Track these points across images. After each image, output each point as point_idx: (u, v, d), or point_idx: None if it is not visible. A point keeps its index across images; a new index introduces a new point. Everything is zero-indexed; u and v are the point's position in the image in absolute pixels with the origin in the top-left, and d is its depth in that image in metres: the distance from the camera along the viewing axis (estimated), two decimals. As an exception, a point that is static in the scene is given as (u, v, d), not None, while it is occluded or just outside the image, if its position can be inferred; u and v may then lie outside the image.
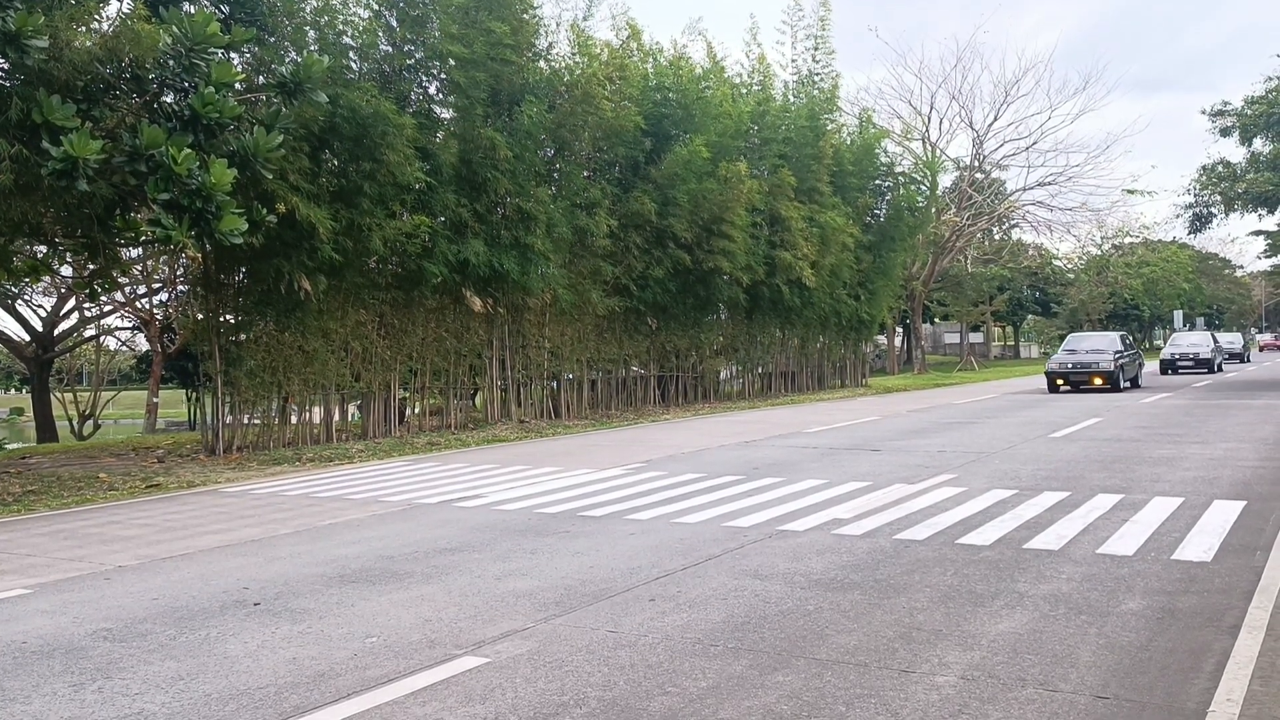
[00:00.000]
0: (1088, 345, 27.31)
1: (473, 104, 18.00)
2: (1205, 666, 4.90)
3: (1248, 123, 28.08)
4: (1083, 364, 26.01)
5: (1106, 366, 25.47)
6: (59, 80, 10.93)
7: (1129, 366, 27.03)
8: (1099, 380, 25.67)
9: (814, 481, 11.03)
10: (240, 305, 16.56)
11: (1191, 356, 35.86)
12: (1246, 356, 45.85)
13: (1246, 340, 48.45)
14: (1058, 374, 26.17)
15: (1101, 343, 27.51)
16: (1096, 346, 26.97)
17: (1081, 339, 28.69)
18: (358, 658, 5.29)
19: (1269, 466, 11.62)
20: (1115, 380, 25.40)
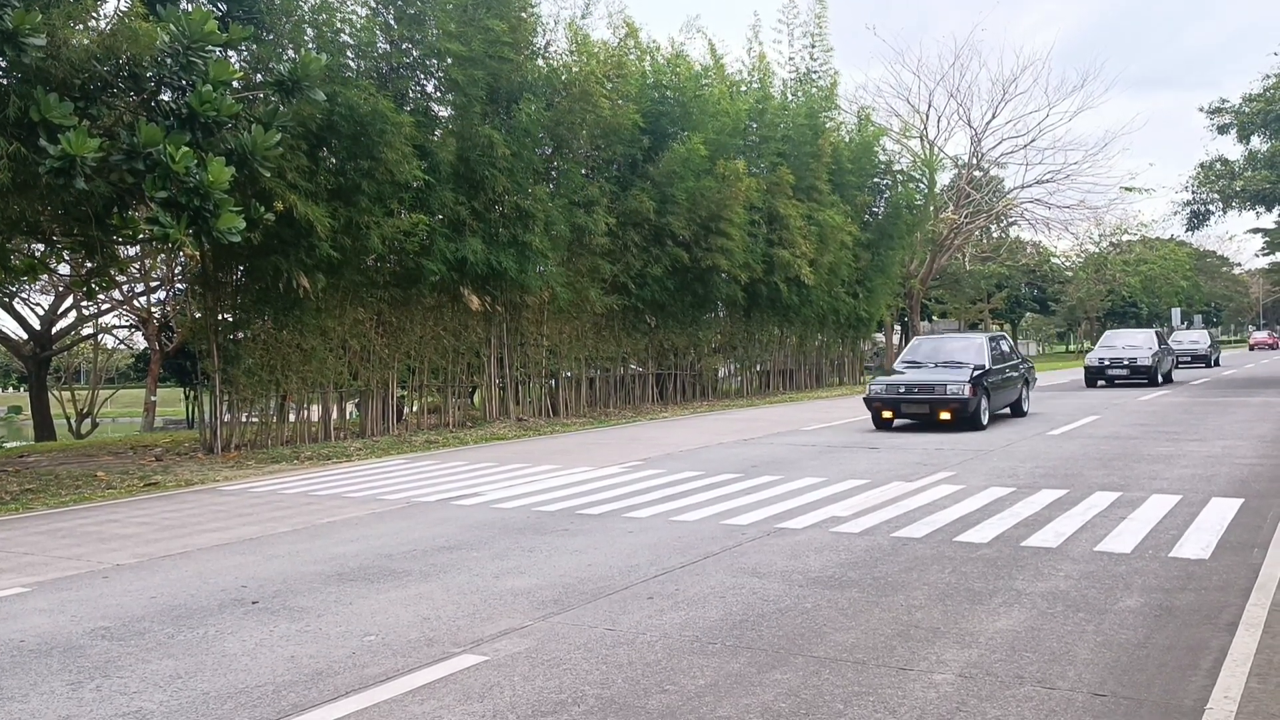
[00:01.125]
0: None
1: (471, 102, 17.98)
2: (1203, 664, 4.90)
3: (1245, 120, 28.08)
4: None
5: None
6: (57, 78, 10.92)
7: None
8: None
9: (812, 479, 11.04)
10: (238, 303, 16.55)
11: (1125, 362, 27.04)
12: (1214, 359, 40.37)
13: (1214, 339, 42.91)
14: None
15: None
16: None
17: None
18: (356, 656, 5.29)
19: (1267, 464, 11.63)
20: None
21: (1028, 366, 19.68)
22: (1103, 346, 29.08)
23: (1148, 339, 28.72)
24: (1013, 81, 70.76)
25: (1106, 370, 27.24)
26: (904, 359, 18.44)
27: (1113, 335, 30.33)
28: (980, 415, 16.43)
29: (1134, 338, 29.33)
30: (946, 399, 16.11)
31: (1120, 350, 27.80)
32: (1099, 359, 27.74)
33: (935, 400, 16.24)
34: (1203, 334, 38.95)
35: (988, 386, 16.72)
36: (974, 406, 16.18)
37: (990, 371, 17.05)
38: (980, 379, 16.51)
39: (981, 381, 16.54)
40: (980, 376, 16.59)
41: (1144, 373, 26.49)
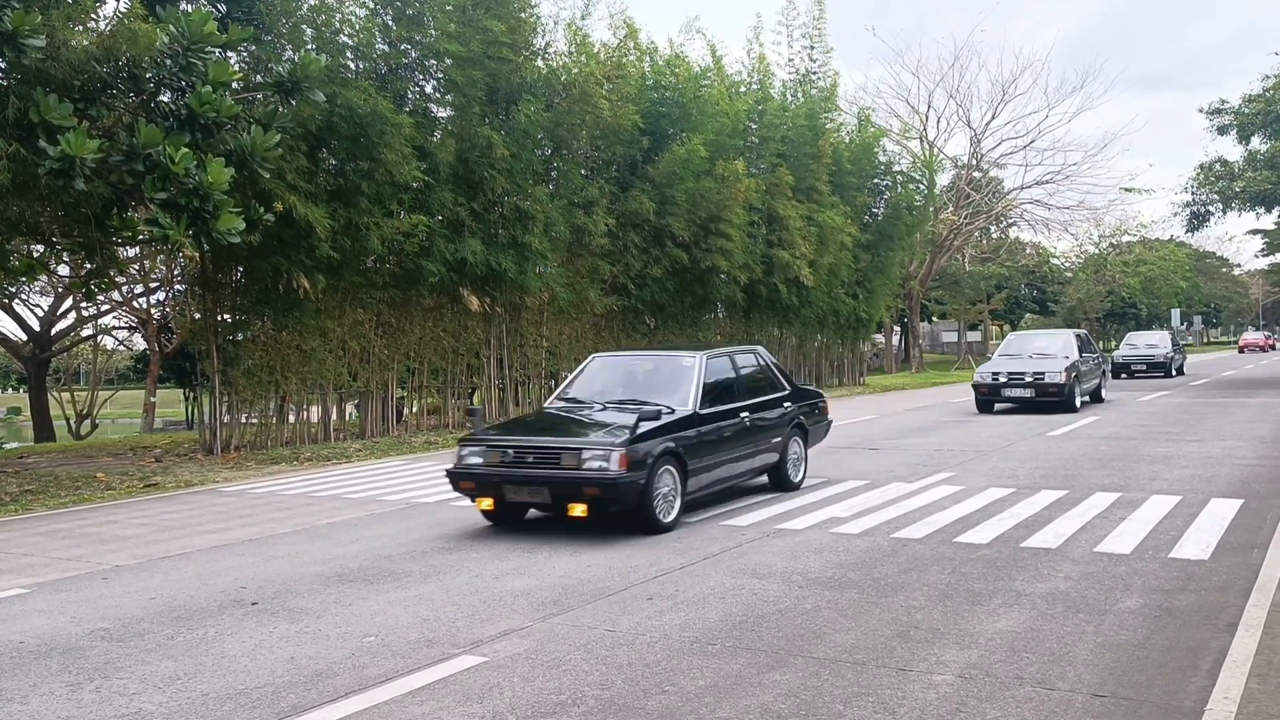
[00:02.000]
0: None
1: (470, 103, 17.98)
2: (1202, 664, 4.90)
3: (1245, 121, 28.08)
4: None
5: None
6: (56, 79, 10.91)
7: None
8: None
9: (812, 480, 11.03)
10: (238, 304, 16.55)
11: (1029, 379, 19.35)
12: (1175, 367, 32.27)
13: (1178, 343, 35.30)
14: None
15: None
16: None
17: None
18: (355, 657, 5.29)
19: (1266, 464, 11.63)
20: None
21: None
22: (1003, 357, 20.75)
23: (1064, 346, 20.52)
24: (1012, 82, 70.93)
25: (1003, 390, 19.48)
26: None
27: (1021, 340, 21.95)
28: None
29: (1048, 343, 20.99)
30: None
31: (1026, 362, 19.95)
32: (992, 375, 19.71)
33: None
34: (1162, 336, 33.98)
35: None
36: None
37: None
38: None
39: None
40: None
41: (1053, 392, 18.87)
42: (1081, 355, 20.25)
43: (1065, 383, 18.84)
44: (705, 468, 8.84)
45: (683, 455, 8.47)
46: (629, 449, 7.90)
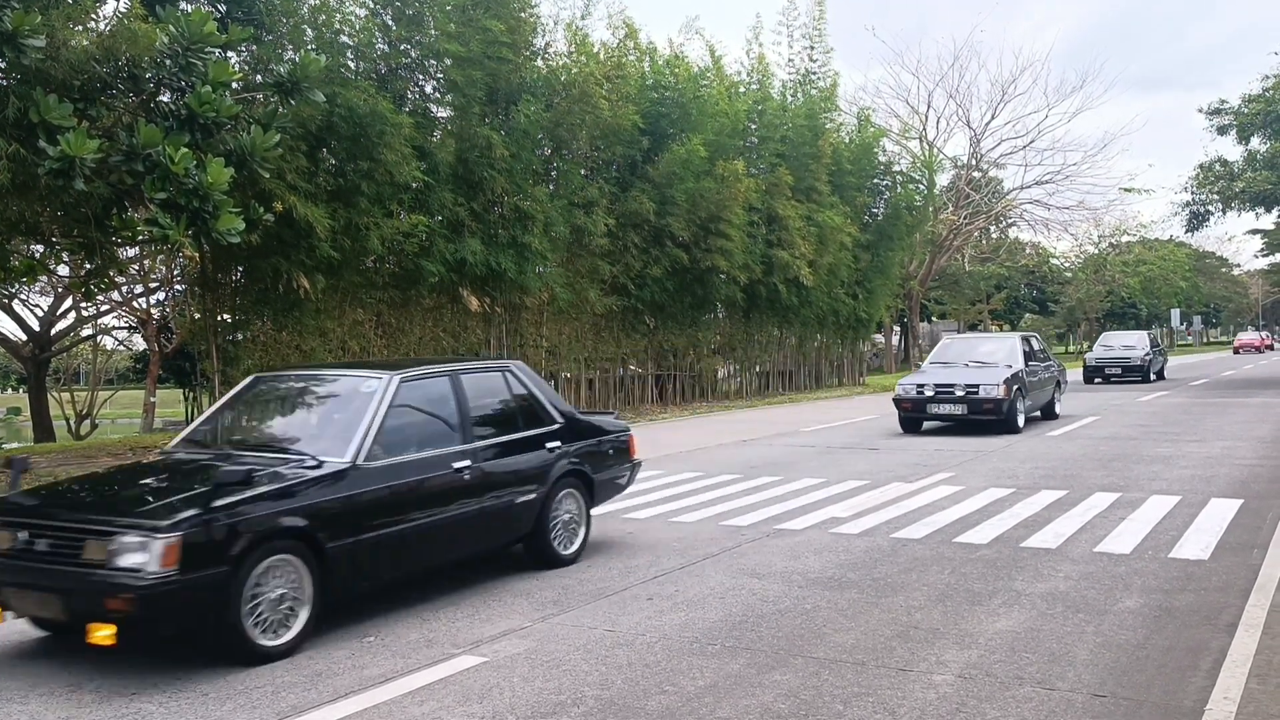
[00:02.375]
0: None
1: (470, 103, 17.98)
2: (1202, 664, 4.90)
3: (1245, 121, 28.08)
4: None
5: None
6: (56, 79, 10.91)
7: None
8: None
9: (811, 480, 11.03)
10: (238, 304, 16.55)
11: (958, 393, 16.23)
12: (1154, 371, 29.30)
13: (1158, 343, 31.65)
14: None
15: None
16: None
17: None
18: (355, 657, 5.29)
19: (1266, 465, 11.63)
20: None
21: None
22: (934, 365, 17.54)
23: (1008, 353, 17.29)
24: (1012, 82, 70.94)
25: (928, 405, 16.31)
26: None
27: (959, 345, 18.60)
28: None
29: (990, 349, 17.77)
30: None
31: (959, 372, 16.70)
32: (917, 388, 16.49)
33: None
34: (1140, 336, 31.25)
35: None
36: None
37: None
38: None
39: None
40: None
41: (988, 409, 15.73)
42: (1028, 364, 17.03)
43: (1003, 397, 15.55)
44: (370, 553, 5.86)
45: (319, 535, 5.50)
46: (185, 532, 4.96)
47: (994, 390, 15.64)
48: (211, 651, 5.29)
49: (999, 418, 15.68)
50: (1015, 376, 16.13)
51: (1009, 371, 16.16)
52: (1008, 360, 16.82)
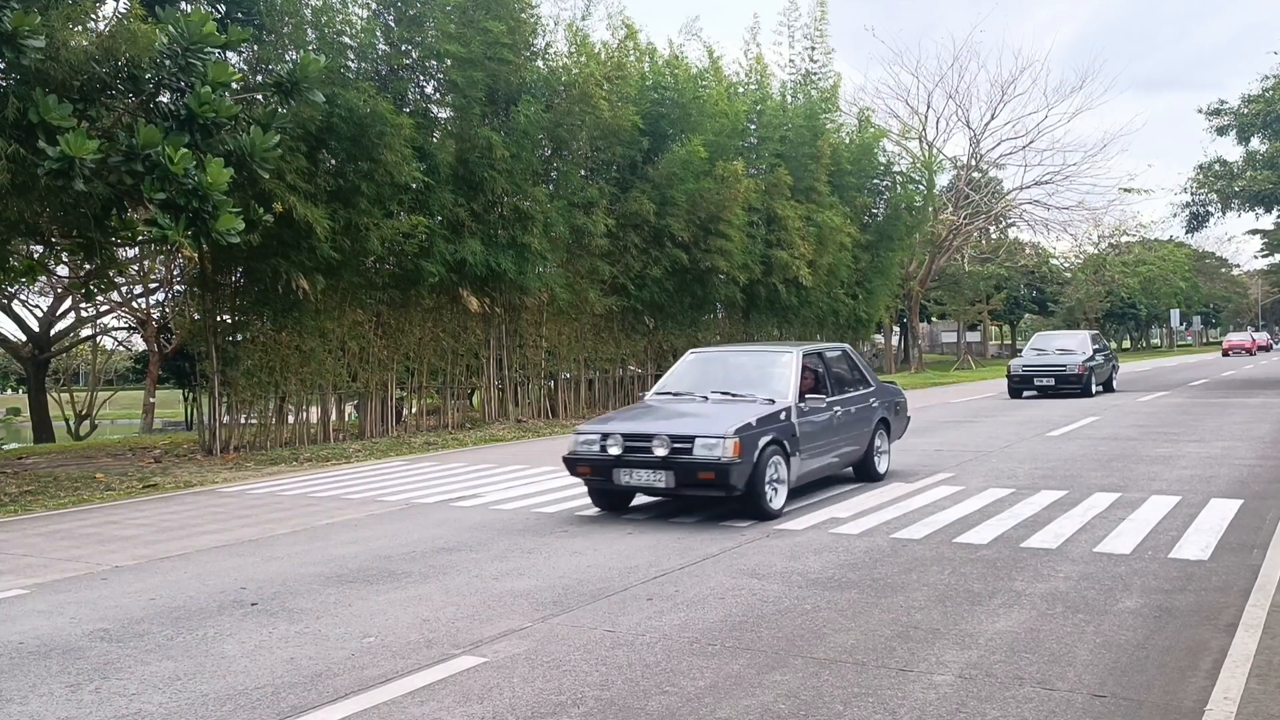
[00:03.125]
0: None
1: (470, 103, 17.98)
2: (1202, 665, 4.90)
3: (1245, 121, 28.07)
4: None
5: None
6: (55, 80, 10.91)
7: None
8: None
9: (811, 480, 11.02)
10: (237, 305, 16.55)
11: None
12: (1097, 381, 23.97)
13: (1105, 346, 26.01)
14: None
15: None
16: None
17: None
18: (355, 658, 5.29)
19: (1266, 465, 11.63)
20: None
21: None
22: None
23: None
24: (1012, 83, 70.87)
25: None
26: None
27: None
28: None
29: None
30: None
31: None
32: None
33: None
34: (1082, 339, 25.25)
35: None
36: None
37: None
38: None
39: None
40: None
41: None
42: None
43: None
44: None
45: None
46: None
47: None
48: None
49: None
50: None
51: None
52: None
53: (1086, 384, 22.00)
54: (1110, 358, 24.07)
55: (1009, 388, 24.01)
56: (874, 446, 10.86)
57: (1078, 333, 20.85)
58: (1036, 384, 22.53)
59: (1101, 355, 21.75)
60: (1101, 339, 22.85)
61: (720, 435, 8.51)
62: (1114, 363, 21.10)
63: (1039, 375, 23.12)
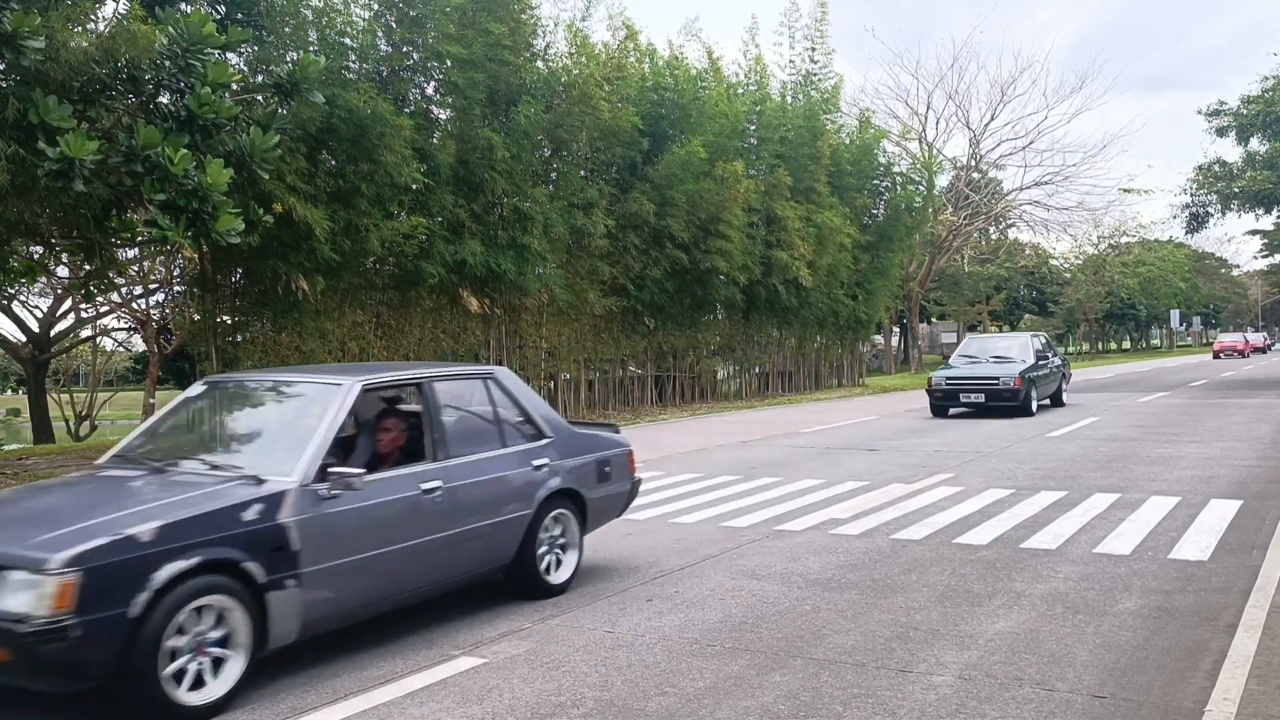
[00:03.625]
0: None
1: (470, 104, 17.98)
2: (1202, 665, 4.90)
3: (1244, 122, 28.09)
4: None
5: None
6: (55, 80, 10.91)
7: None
8: None
9: (811, 481, 11.03)
10: (237, 306, 16.55)
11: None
12: (1042, 395, 20.04)
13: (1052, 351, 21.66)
14: None
15: None
16: None
17: None
18: (355, 658, 5.29)
19: (1266, 465, 11.63)
20: None
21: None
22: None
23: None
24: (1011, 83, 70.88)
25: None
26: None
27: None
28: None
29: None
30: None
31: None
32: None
33: None
34: (1023, 344, 20.47)
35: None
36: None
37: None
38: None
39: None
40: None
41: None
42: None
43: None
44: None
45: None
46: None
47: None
48: None
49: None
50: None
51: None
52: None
53: (1025, 400, 18.18)
54: (1060, 366, 20.70)
55: (931, 406, 19.28)
56: (534, 541, 6.36)
57: (1019, 336, 18.69)
58: (964, 400, 18.52)
59: (1047, 363, 18.71)
60: (1051, 343, 19.86)
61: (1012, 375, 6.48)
62: (1065, 371, 18.77)
63: (966, 390, 18.73)
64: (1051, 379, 20.17)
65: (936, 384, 19.16)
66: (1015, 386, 18.13)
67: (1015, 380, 18.16)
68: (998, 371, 18.61)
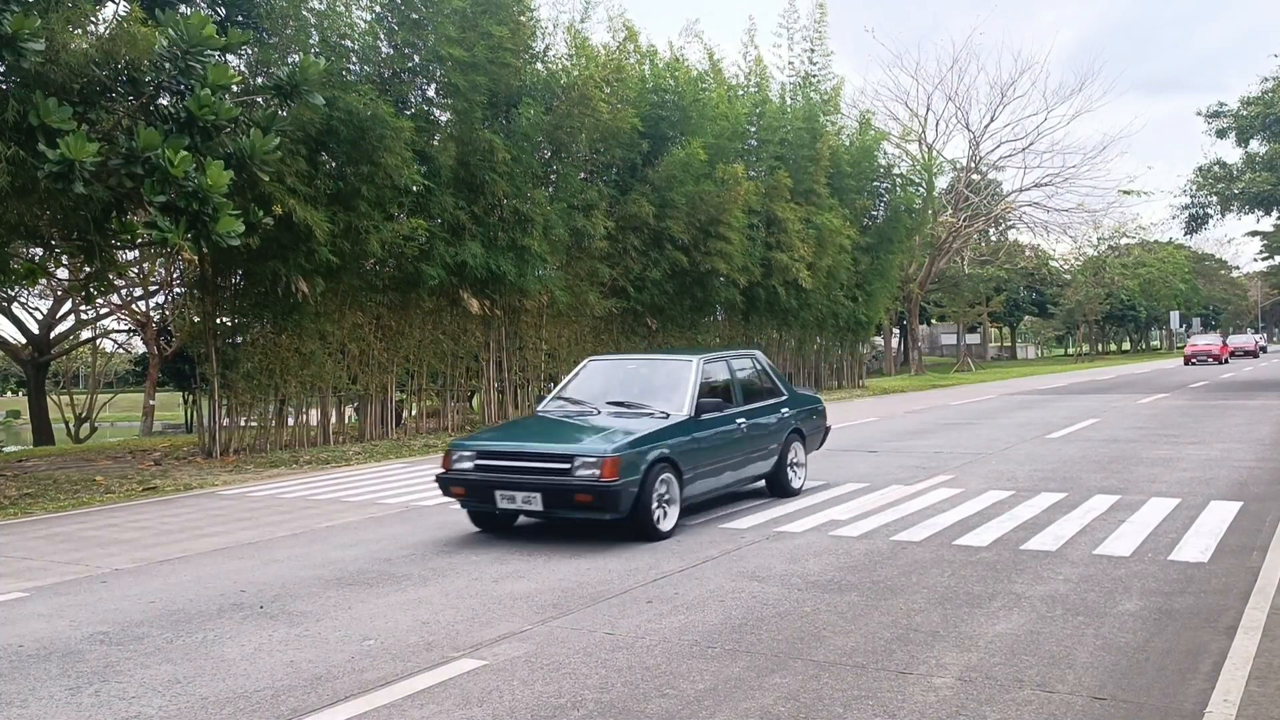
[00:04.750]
0: None
1: (471, 106, 17.99)
2: (1202, 667, 4.90)
3: (1244, 124, 28.10)
4: None
5: None
6: (55, 82, 10.92)
7: None
8: None
9: (811, 483, 11.02)
10: (237, 307, 16.55)
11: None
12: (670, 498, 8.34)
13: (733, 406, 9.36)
14: None
15: None
16: None
17: None
18: (355, 660, 5.29)
19: (1265, 467, 11.63)
20: None
21: None
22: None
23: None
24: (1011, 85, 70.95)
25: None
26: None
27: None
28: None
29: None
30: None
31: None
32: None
33: None
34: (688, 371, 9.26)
35: None
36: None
37: None
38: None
39: None
40: None
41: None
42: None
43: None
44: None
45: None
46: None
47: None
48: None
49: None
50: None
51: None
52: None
53: (637, 506, 8.01)
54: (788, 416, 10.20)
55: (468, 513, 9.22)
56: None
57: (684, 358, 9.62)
58: (503, 502, 8.18)
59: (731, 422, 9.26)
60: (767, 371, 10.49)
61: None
62: (799, 426, 10.34)
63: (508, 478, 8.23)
64: (752, 446, 9.53)
65: (461, 465, 8.47)
66: (602, 479, 7.85)
67: (604, 464, 7.86)
68: (571, 447, 8.21)
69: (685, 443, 8.51)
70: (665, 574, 7.01)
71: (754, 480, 9.85)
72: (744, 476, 9.56)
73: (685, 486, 8.49)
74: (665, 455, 8.21)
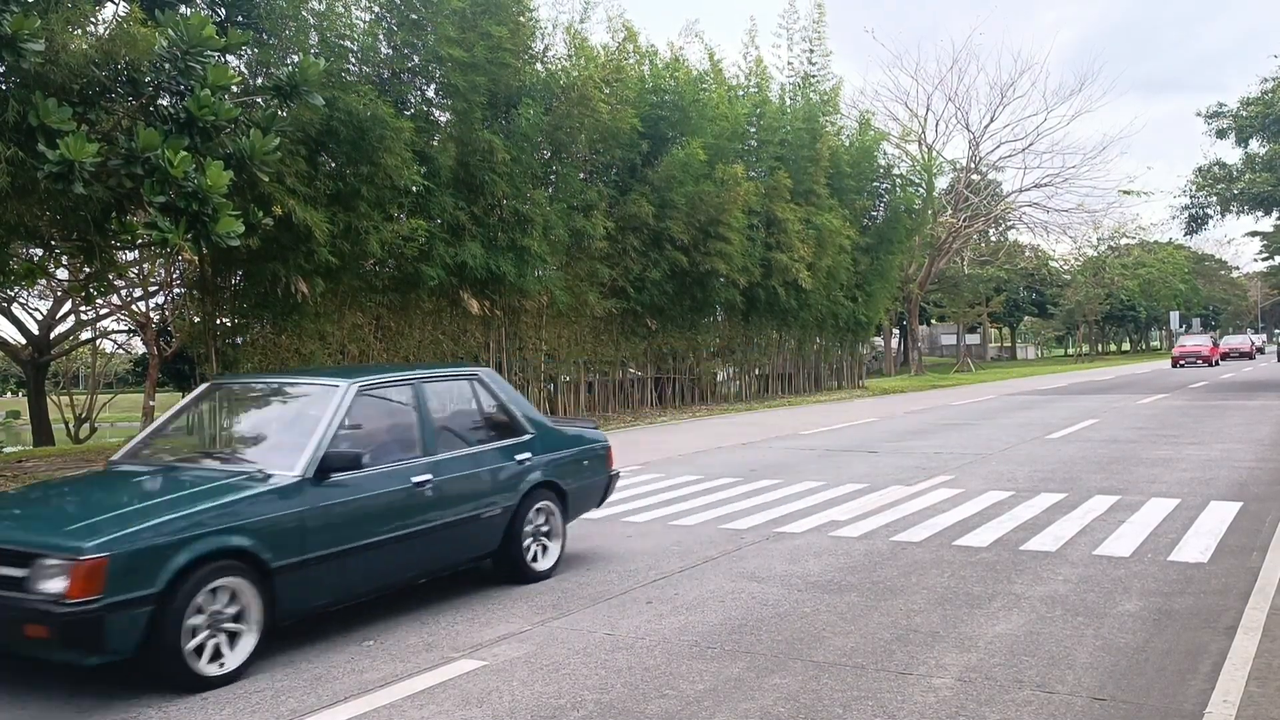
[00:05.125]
0: None
1: (471, 107, 17.99)
2: (1202, 668, 4.90)
3: (1244, 124, 28.12)
4: None
5: None
6: (55, 83, 10.91)
7: None
8: None
9: (811, 483, 11.03)
10: (237, 308, 16.54)
11: None
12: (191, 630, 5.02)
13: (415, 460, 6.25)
14: None
15: None
16: None
17: None
18: (354, 661, 5.29)
19: (1265, 467, 11.63)
20: None
21: None
22: None
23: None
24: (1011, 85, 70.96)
25: None
26: None
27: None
28: None
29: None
30: None
31: None
32: None
33: None
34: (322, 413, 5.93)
35: None
36: None
37: None
38: None
39: None
40: None
41: None
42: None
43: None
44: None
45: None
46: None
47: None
48: None
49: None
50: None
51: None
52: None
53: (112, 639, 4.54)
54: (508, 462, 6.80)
55: None
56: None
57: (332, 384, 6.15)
58: None
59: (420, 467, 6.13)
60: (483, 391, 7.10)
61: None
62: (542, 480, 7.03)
63: None
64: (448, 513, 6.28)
65: None
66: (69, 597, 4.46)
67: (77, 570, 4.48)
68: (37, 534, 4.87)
69: (284, 521, 5.28)
70: (665, 574, 7.01)
71: (461, 565, 6.66)
72: (433, 564, 6.33)
73: (284, 598, 5.26)
74: (230, 548, 5.00)
